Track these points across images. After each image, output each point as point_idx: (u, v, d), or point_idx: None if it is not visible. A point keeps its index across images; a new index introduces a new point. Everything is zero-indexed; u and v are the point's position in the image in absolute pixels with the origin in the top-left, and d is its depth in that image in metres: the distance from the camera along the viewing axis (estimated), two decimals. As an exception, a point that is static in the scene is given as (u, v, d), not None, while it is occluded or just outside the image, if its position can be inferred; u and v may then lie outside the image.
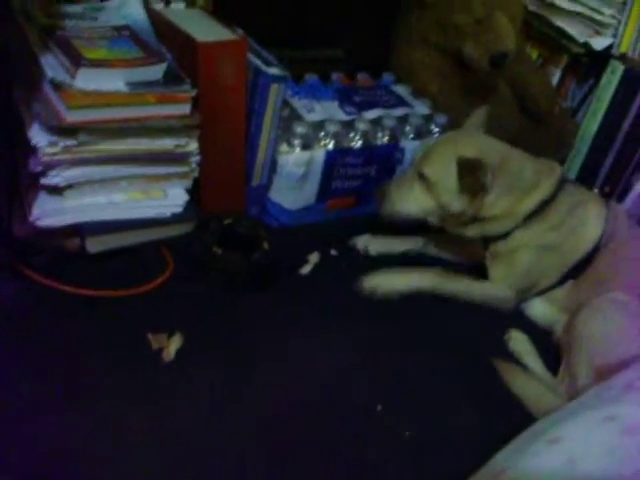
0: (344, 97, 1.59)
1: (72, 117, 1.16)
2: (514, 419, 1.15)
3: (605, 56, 1.82)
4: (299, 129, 1.43)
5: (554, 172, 1.38)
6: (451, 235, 1.41)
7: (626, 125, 1.81)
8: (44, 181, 1.21)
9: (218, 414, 1.09)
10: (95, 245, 1.29)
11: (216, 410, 1.09)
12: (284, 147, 1.44)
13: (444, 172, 1.30)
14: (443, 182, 1.31)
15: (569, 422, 0.76)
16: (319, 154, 1.45)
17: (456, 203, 1.31)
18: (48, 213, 1.24)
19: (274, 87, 1.35)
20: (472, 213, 1.33)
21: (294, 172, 1.45)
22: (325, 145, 1.46)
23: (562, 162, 1.93)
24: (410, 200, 1.34)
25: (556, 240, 1.35)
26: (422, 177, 1.32)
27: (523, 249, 1.36)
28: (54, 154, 1.18)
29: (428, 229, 1.43)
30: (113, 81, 1.21)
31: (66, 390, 1.08)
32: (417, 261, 1.45)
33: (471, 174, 1.27)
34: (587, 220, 1.36)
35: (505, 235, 1.36)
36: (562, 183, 1.37)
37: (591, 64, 1.89)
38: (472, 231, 1.37)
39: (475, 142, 1.34)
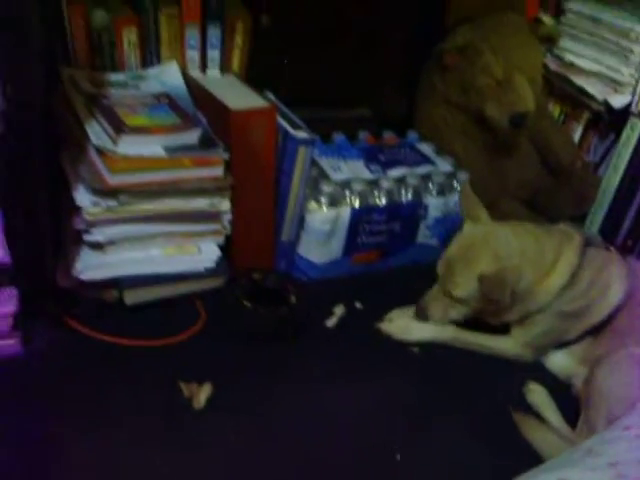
0: (370, 156, 1.65)
1: (114, 181, 1.24)
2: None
3: (624, 113, 1.85)
4: (326, 188, 1.49)
5: (573, 240, 1.39)
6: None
7: None
8: (87, 238, 1.29)
9: (245, 460, 1.13)
10: (132, 297, 1.35)
11: (243, 456, 1.14)
12: (312, 205, 1.50)
13: (469, 290, 1.35)
14: (472, 297, 1.36)
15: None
16: (345, 211, 1.51)
17: (487, 307, 1.36)
18: (90, 267, 1.31)
19: (302, 149, 1.41)
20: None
21: (321, 229, 1.50)
22: (351, 203, 1.52)
23: (584, 216, 1.96)
24: (448, 312, 1.41)
25: (582, 307, 1.37)
26: (455, 297, 1.37)
27: (547, 317, 1.38)
28: (97, 214, 1.27)
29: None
30: (152, 146, 1.28)
31: (99, 431, 1.13)
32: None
33: (496, 290, 1.31)
34: (611, 283, 1.38)
35: (542, 310, 1.38)
36: (584, 249, 1.39)
37: (612, 120, 1.91)
38: (513, 315, 1.39)
39: (489, 248, 1.35)
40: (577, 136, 2.01)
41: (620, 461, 0.87)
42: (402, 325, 1.44)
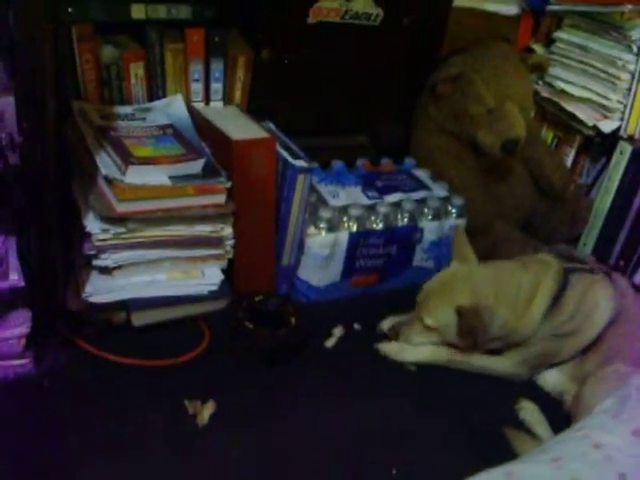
0: (367, 182, 1.70)
1: (122, 208, 1.29)
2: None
3: (614, 137, 1.91)
4: (325, 213, 1.54)
5: (550, 268, 1.44)
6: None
7: (637, 202, 1.87)
8: (96, 262, 1.34)
9: (247, 475, 1.18)
10: (139, 319, 1.40)
11: (245, 471, 1.18)
12: (311, 230, 1.54)
13: (444, 320, 1.41)
14: (445, 328, 1.41)
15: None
16: (343, 236, 1.56)
17: (461, 341, 1.41)
18: (99, 290, 1.36)
19: (301, 178, 1.47)
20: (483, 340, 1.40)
21: (320, 253, 1.55)
22: (349, 227, 1.57)
23: (577, 237, 2.01)
24: (421, 339, 1.46)
25: (571, 329, 1.41)
26: (429, 326, 1.43)
27: (539, 341, 1.41)
28: (105, 240, 1.31)
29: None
30: (158, 176, 1.34)
31: (107, 447, 1.18)
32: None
33: (470, 321, 1.36)
34: (598, 304, 1.41)
35: (526, 339, 1.42)
36: (564, 275, 1.42)
37: (603, 144, 1.97)
38: (494, 345, 1.44)
39: (468, 284, 1.41)
40: (570, 160, 2.06)
41: (563, 457, 0.94)
42: (400, 346, 1.48)
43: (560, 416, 1.38)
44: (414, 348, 1.47)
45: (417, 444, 1.30)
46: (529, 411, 1.40)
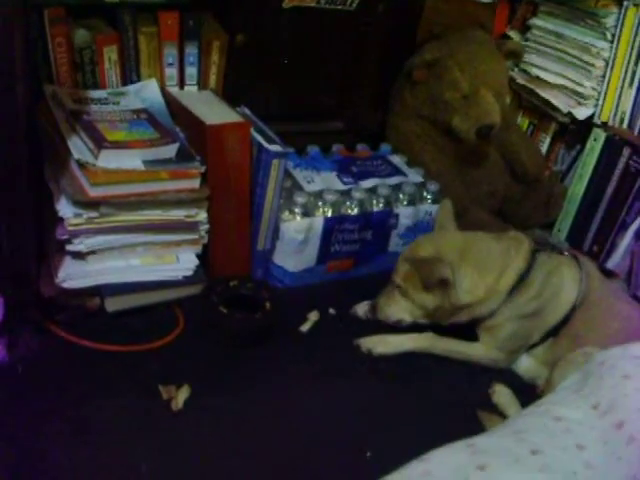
0: (343, 168, 1.71)
1: (95, 192, 1.29)
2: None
3: (588, 124, 1.93)
4: (300, 199, 1.55)
5: (522, 245, 1.46)
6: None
7: (610, 188, 1.90)
8: (69, 247, 1.34)
9: (221, 458, 1.18)
10: (113, 304, 1.40)
11: (219, 455, 1.18)
12: (286, 215, 1.55)
13: (409, 276, 1.43)
14: (411, 285, 1.43)
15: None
16: (318, 221, 1.56)
17: (428, 300, 1.43)
18: (72, 276, 1.36)
19: (275, 162, 1.47)
20: (451, 304, 1.42)
21: (295, 238, 1.55)
22: (324, 213, 1.57)
23: (552, 223, 2.04)
24: (394, 308, 1.47)
25: (537, 308, 1.43)
26: (397, 285, 1.46)
27: (507, 321, 1.43)
28: (78, 224, 1.31)
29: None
30: (131, 160, 1.33)
31: (81, 432, 1.18)
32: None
33: (426, 271, 1.39)
34: (563, 285, 1.44)
35: (492, 313, 1.44)
36: (533, 254, 1.45)
37: (577, 131, 1.99)
38: (463, 317, 1.45)
39: (433, 243, 1.46)
40: (545, 146, 2.09)
41: (524, 429, 0.95)
42: (380, 339, 1.48)
43: (533, 400, 1.38)
44: (395, 340, 1.48)
45: (391, 428, 1.31)
46: (502, 395, 1.42)
